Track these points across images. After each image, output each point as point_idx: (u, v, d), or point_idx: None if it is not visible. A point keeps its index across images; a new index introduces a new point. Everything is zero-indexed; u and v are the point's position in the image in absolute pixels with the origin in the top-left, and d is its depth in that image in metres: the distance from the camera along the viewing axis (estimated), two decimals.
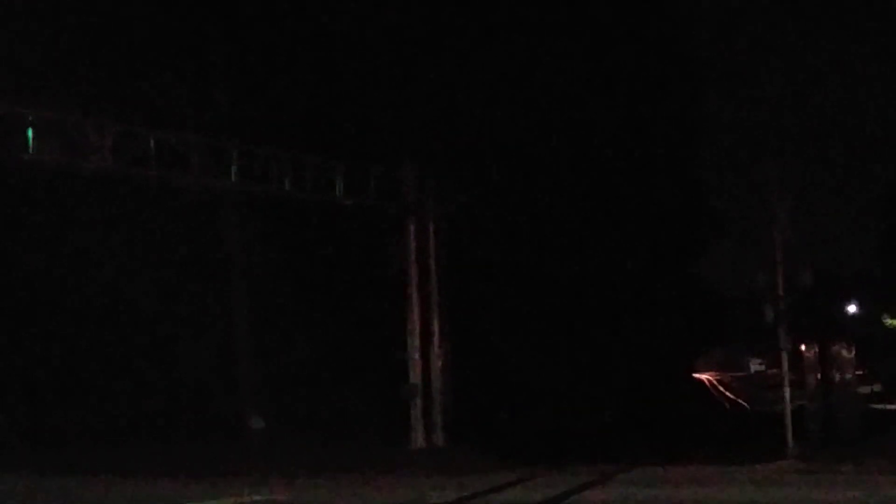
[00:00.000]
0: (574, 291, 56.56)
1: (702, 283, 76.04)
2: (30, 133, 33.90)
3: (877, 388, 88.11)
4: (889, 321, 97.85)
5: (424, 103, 51.07)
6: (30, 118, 34.03)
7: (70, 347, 48.96)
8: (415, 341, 43.26)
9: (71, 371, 48.80)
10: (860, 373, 62.78)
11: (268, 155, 38.98)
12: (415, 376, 43.09)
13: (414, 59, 51.34)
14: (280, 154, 39.28)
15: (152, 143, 36.01)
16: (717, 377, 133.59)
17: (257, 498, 29.18)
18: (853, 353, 48.27)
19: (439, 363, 43.39)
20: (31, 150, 33.97)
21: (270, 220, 48.45)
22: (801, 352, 46.09)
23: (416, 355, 43.15)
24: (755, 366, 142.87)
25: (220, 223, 50.81)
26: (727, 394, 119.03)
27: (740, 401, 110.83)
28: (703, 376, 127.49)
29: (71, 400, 48.48)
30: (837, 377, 46.86)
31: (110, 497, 30.12)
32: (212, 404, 48.82)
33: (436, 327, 43.49)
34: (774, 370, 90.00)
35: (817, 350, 46.70)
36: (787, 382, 38.27)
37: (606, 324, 58.75)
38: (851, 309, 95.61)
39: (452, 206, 44.16)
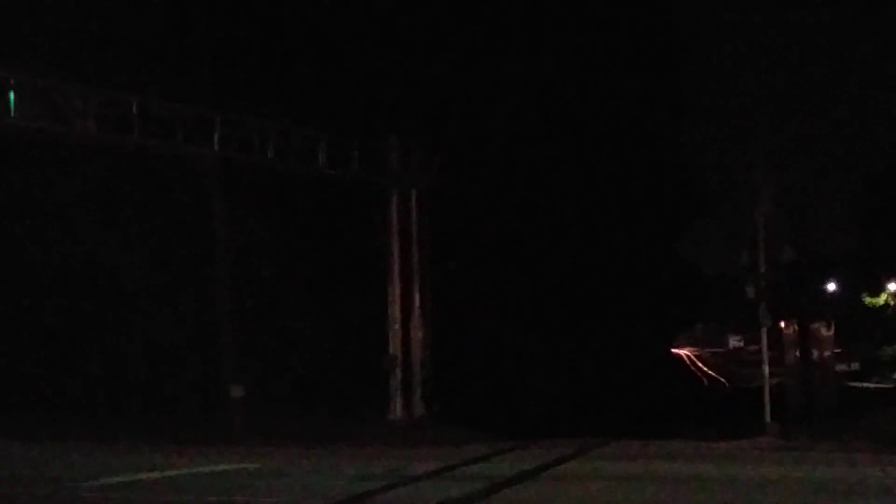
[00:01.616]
0: (555, 266, 56.63)
1: (682, 259, 76.18)
2: (11, 96, 33.69)
3: (855, 366, 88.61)
4: (868, 300, 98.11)
5: (409, 76, 50.99)
6: (11, 81, 33.81)
7: (51, 316, 48.86)
8: (395, 313, 43.29)
9: (51, 340, 48.72)
10: (839, 351, 63.17)
11: (251, 125, 38.88)
12: (394, 348, 43.15)
13: (399, 33, 51.24)
14: (264, 124, 39.18)
15: (135, 109, 35.85)
16: (696, 353, 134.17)
17: (234, 466, 29.22)
18: (832, 331, 48.59)
19: (419, 335, 43.45)
20: (12, 114, 33.77)
21: (253, 190, 48.33)
22: (780, 329, 46.36)
23: (397, 327, 43.19)
24: (734, 342, 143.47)
25: (202, 192, 50.65)
26: (706, 369, 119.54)
27: (719, 377, 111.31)
28: (682, 352, 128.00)
29: (52, 368, 48.40)
30: (816, 355, 47.20)
31: (91, 464, 30.11)
32: (192, 373, 48.78)
33: (416, 299, 43.52)
34: (753, 347, 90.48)
35: (797, 328, 47.00)
36: (766, 359, 38.47)
37: (587, 299, 58.82)
38: (831, 287, 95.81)
39: (435, 180, 44.14)
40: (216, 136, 37.87)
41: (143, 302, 49.79)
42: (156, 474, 27.45)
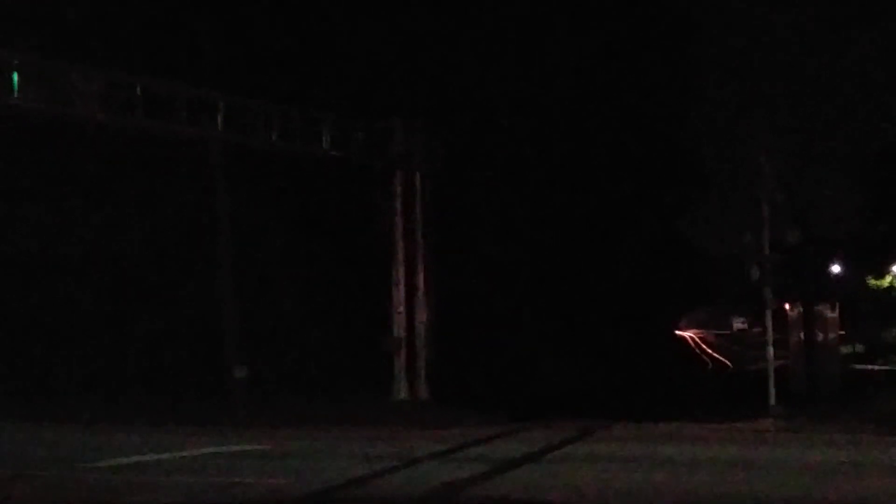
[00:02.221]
0: (559, 249, 56.60)
1: (687, 241, 76.16)
2: (15, 77, 33.65)
3: (859, 348, 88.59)
4: (873, 282, 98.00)
5: (413, 58, 50.91)
6: (15, 62, 33.76)
7: (55, 298, 48.85)
8: (399, 295, 43.29)
9: (55, 322, 48.71)
10: (843, 333, 63.10)
11: (255, 107, 38.82)
12: (398, 329, 43.15)
13: (404, 15, 51.14)
14: (267, 106, 39.11)
15: (139, 91, 35.80)
16: (701, 335, 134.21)
17: (240, 448, 29.26)
18: (837, 313, 48.49)
19: (423, 317, 43.46)
20: (15, 95, 33.73)
21: (257, 171, 48.30)
22: (784, 311, 46.28)
23: (401, 308, 43.18)
24: (738, 324, 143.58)
25: (205, 174, 50.61)
26: (710, 352, 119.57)
27: (723, 359, 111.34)
28: (687, 334, 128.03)
29: (56, 350, 48.43)
30: (820, 337, 47.09)
31: (100, 446, 30.17)
32: (196, 355, 48.79)
33: (420, 281, 43.52)
34: (757, 329, 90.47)
35: (801, 310, 46.90)
36: (770, 341, 38.38)
37: (591, 281, 58.82)
38: (836, 269, 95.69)
39: (439, 161, 44.09)
40: (219, 119, 37.83)
41: (146, 284, 49.78)
42: (163, 455, 27.50)
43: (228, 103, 37.99)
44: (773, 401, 37.08)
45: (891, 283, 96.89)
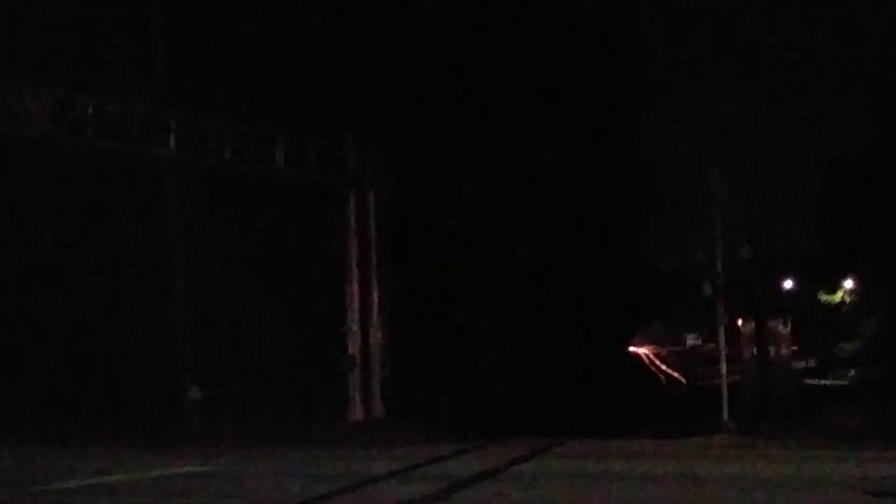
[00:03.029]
0: (513, 266, 56.66)
1: (641, 258, 76.37)
2: None
3: (811, 363, 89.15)
4: (825, 297, 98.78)
5: (366, 76, 50.92)
6: None
7: (7, 318, 48.51)
8: (354, 313, 43.25)
9: (8, 341, 48.38)
10: (795, 348, 63.53)
11: (207, 125, 38.70)
12: (353, 348, 43.09)
13: (355, 33, 51.16)
14: (220, 124, 39.00)
15: (91, 110, 35.62)
16: (654, 351, 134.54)
17: (193, 469, 29.13)
18: (789, 328, 48.85)
19: (378, 335, 43.43)
20: None
21: (210, 191, 48.16)
22: (737, 327, 46.58)
23: (355, 327, 43.13)
24: (691, 340, 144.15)
25: (159, 193, 50.44)
26: (664, 368, 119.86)
27: (677, 375, 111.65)
28: (641, 350, 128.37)
29: (8, 370, 48.07)
30: (773, 352, 47.42)
31: (51, 468, 29.97)
32: (150, 375, 48.56)
33: (375, 300, 43.51)
34: (711, 345, 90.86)
35: (754, 325, 47.23)
36: (723, 357, 38.61)
37: (545, 299, 58.89)
38: (788, 285, 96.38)
39: (393, 179, 44.12)
40: (172, 137, 37.67)
41: (100, 304, 49.50)
42: (116, 477, 27.34)
43: (181, 122, 37.85)
44: (726, 416, 37.27)
45: (842, 298, 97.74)
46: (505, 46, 55.50)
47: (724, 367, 38.37)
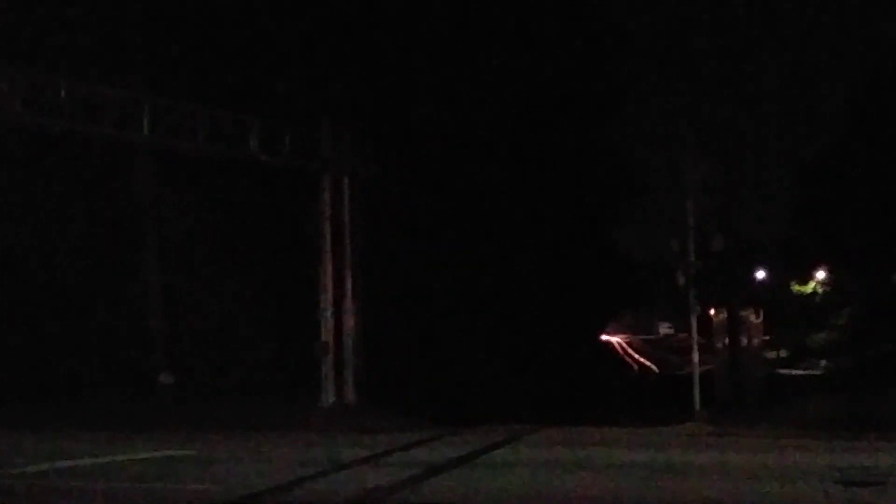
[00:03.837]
0: (487, 253, 56.72)
1: (614, 247, 76.54)
2: None
3: (783, 352, 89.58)
4: (797, 288, 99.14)
5: (342, 61, 50.83)
6: None
7: None
8: (327, 300, 43.12)
9: None
10: (767, 338, 63.71)
11: (181, 109, 38.47)
12: (326, 334, 42.99)
13: (333, 18, 51.06)
14: (194, 109, 38.77)
15: (63, 93, 35.37)
16: (627, 340, 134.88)
17: (166, 453, 29.07)
18: (761, 318, 48.96)
19: (351, 322, 43.33)
20: None
21: (184, 175, 48.00)
22: (710, 316, 46.68)
23: (329, 313, 43.03)
24: (664, 329, 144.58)
25: (132, 177, 50.27)
26: (636, 356, 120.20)
27: (649, 364, 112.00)
28: (613, 339, 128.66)
29: None
30: (745, 342, 47.50)
31: (21, 452, 29.82)
32: (123, 360, 48.45)
33: (349, 286, 43.39)
34: (683, 334, 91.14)
35: (726, 315, 47.30)
36: (695, 346, 38.74)
37: (519, 286, 59.00)
38: (761, 275, 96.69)
39: (367, 166, 44.00)
40: (146, 121, 37.44)
41: (73, 288, 49.34)
42: (89, 460, 27.26)
43: (154, 105, 37.62)
44: (698, 405, 37.42)
45: (814, 288, 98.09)
46: (482, 37, 55.53)
47: (696, 357, 38.51)
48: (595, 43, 65.39)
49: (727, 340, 46.60)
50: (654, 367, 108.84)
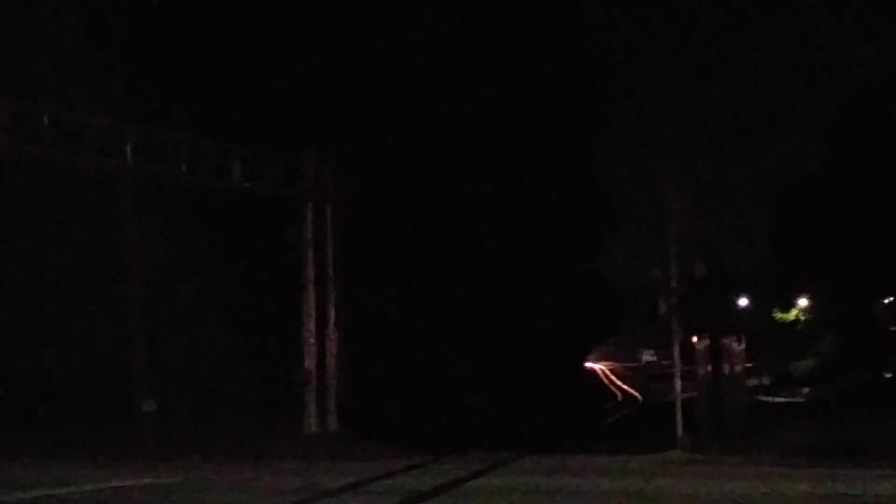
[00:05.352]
0: (470, 281, 56.76)
1: (597, 274, 76.69)
2: None
3: (765, 380, 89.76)
4: (779, 315, 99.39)
5: (325, 88, 50.92)
6: None
7: None
8: (310, 327, 43.11)
9: None
10: (750, 365, 63.79)
11: (164, 137, 38.50)
12: (309, 361, 42.96)
13: (313, 44, 51.16)
14: (176, 137, 38.80)
15: (46, 121, 35.38)
16: (610, 367, 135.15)
17: (147, 481, 28.99)
18: (743, 345, 49.02)
19: (334, 349, 43.31)
20: None
21: (167, 203, 47.97)
22: (692, 344, 46.74)
23: (311, 340, 43.02)
24: (647, 357, 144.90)
25: (115, 205, 50.21)
26: (620, 384, 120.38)
27: (632, 391, 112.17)
28: (597, 366, 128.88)
29: None
30: (728, 369, 47.55)
31: (0, 479, 29.76)
32: (105, 387, 48.32)
33: (331, 313, 43.39)
34: (666, 361, 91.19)
35: (708, 342, 47.35)
36: (678, 373, 38.79)
37: (502, 314, 59.02)
38: (742, 302, 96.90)
39: (350, 194, 44.06)
40: (128, 149, 37.45)
41: (54, 315, 49.21)
42: (70, 489, 27.16)
43: (137, 134, 37.64)
44: (680, 432, 37.43)
45: (797, 316, 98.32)
46: (464, 66, 55.68)
47: (678, 384, 38.55)
48: (576, 71, 65.62)
49: (709, 368, 46.63)
50: (637, 394, 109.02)
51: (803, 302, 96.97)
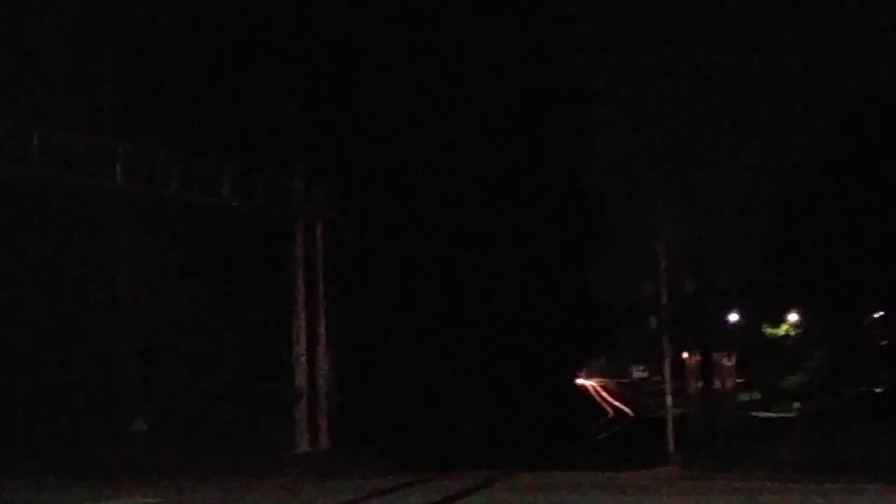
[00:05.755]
0: (461, 298, 56.74)
1: (588, 291, 76.63)
2: None
3: (755, 395, 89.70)
4: (769, 331, 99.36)
5: (316, 109, 50.95)
6: None
7: None
8: (301, 345, 43.11)
9: None
10: (740, 381, 63.93)
11: (154, 155, 38.50)
12: (300, 379, 42.95)
13: (303, 63, 51.22)
14: (167, 155, 38.81)
15: (36, 140, 35.37)
16: (601, 383, 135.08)
17: (140, 500, 28.93)
18: (734, 361, 49.13)
19: (325, 367, 43.30)
20: None
21: (157, 221, 47.96)
22: (683, 359, 46.81)
23: (302, 359, 43.01)
24: (638, 373, 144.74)
25: (106, 224, 50.17)
26: (611, 400, 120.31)
27: (624, 407, 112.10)
28: (588, 383, 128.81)
29: None
30: (718, 385, 47.68)
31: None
32: (96, 406, 48.23)
33: (322, 331, 43.39)
34: (657, 377, 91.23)
35: (699, 358, 47.46)
36: (668, 389, 38.79)
37: (493, 331, 58.97)
38: (733, 318, 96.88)
39: (340, 212, 44.09)
40: (118, 167, 37.45)
41: (44, 334, 49.12)
42: None
43: (127, 152, 37.65)
44: (672, 448, 37.41)
45: (786, 331, 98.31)
46: (453, 84, 55.75)
47: (669, 400, 38.54)
48: (564, 91, 65.68)
49: (700, 383, 46.77)
50: (628, 410, 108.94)
51: (794, 317, 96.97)
